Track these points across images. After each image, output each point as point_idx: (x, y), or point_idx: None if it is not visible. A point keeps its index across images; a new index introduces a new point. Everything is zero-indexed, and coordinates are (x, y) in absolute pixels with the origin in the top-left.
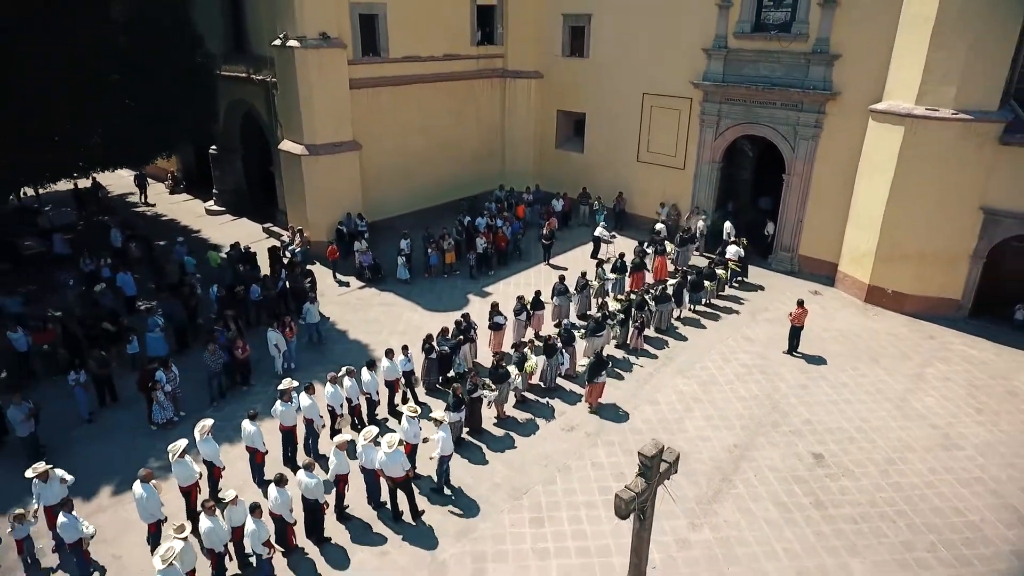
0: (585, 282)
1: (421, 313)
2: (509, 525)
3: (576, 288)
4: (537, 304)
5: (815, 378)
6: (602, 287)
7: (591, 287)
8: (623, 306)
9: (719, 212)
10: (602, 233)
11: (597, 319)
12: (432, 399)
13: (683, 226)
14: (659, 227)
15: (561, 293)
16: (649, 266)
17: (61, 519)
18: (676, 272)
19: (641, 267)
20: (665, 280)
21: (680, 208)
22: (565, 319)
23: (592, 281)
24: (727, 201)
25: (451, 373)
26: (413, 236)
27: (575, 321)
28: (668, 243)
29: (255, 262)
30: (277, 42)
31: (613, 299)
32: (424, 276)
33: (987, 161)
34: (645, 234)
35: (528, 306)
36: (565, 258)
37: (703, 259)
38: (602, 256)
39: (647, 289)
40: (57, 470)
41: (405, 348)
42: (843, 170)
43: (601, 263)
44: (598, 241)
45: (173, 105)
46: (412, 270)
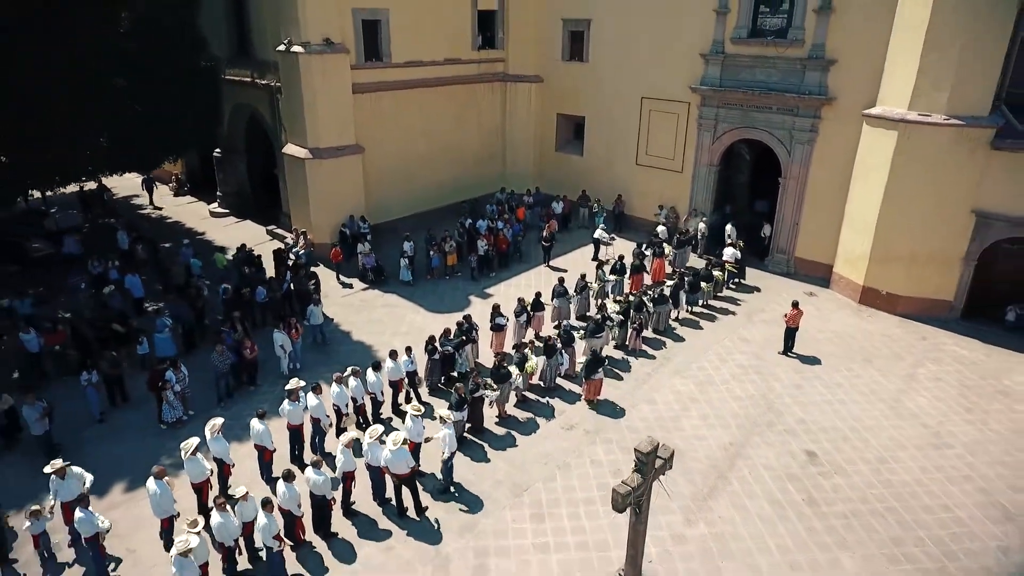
0: (584, 284)
1: (423, 314)
2: (510, 521)
3: (575, 290)
4: (537, 305)
5: (809, 378)
6: (602, 288)
7: (590, 289)
8: (622, 308)
9: (717, 214)
10: (601, 235)
11: (596, 320)
12: (435, 399)
13: (681, 228)
14: (660, 229)
15: (561, 295)
16: (648, 268)
17: (78, 514)
18: (674, 274)
19: (640, 269)
20: (663, 282)
21: (679, 211)
22: (565, 320)
23: (592, 283)
24: (724, 204)
25: (453, 373)
26: (415, 238)
27: (574, 322)
28: (666, 245)
29: (260, 264)
30: (281, 48)
31: (612, 301)
32: (426, 278)
33: (979, 165)
34: (644, 236)
35: (528, 308)
36: (565, 260)
37: (702, 261)
38: (602, 258)
39: (645, 291)
40: (75, 467)
41: (408, 349)
42: (838, 174)
43: (601, 265)
44: (598, 243)
45: (179, 110)
46: (414, 272)
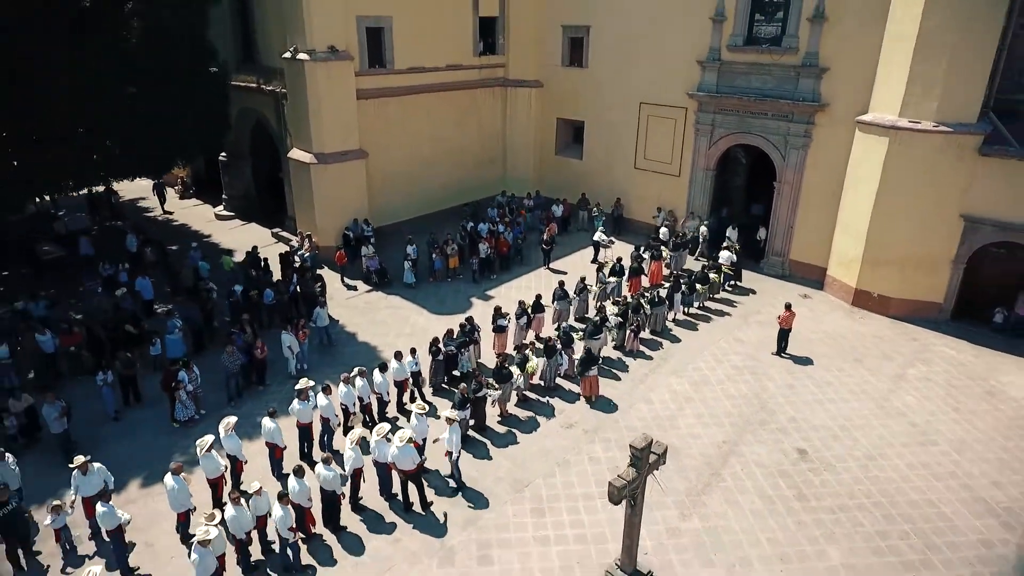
0: (584, 286)
1: (427, 316)
2: (512, 515)
3: (575, 292)
4: (538, 307)
5: (801, 378)
6: (603, 291)
7: (589, 292)
8: (620, 310)
9: (713, 218)
10: (601, 238)
11: (595, 322)
12: (438, 398)
13: (679, 231)
14: (663, 232)
15: (561, 298)
16: (646, 271)
17: (100, 508)
18: (671, 276)
19: (638, 272)
20: (661, 284)
21: (676, 214)
22: (564, 322)
23: (592, 287)
24: (721, 207)
25: (456, 373)
26: (418, 241)
27: (574, 324)
28: (664, 248)
29: (267, 267)
30: (287, 55)
31: (611, 303)
32: (429, 280)
33: (967, 171)
34: (642, 239)
35: (529, 310)
36: (564, 262)
37: (701, 262)
38: (601, 260)
39: (643, 293)
40: (95, 464)
41: (413, 350)
42: (831, 178)
43: (601, 268)
44: (597, 245)
45: (188, 116)
46: (417, 274)
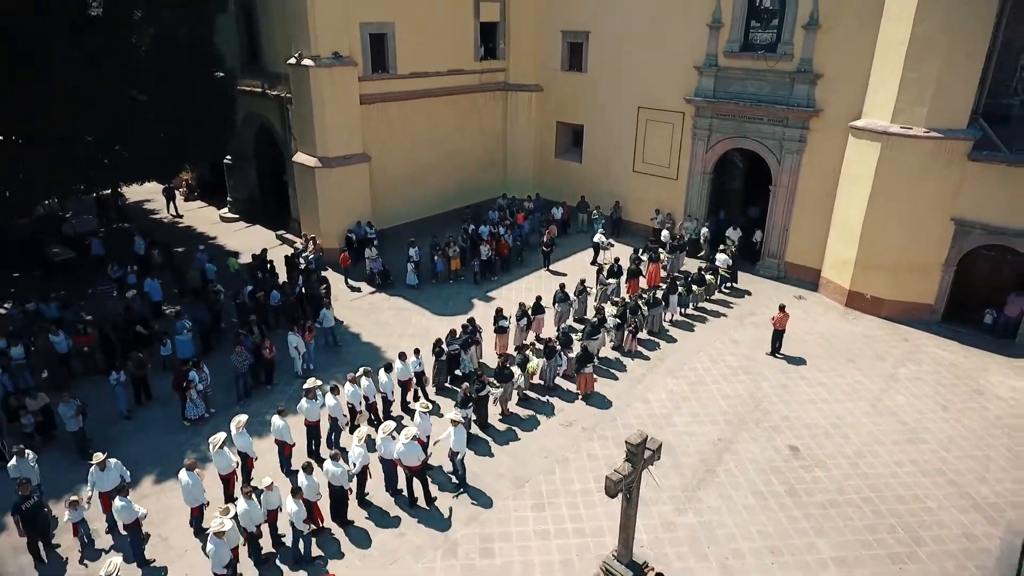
0: (583, 288)
1: (429, 317)
2: (513, 510)
3: (575, 293)
4: (538, 309)
5: (795, 378)
6: (603, 293)
7: (589, 293)
8: (618, 311)
9: (710, 220)
10: (601, 240)
11: (593, 323)
12: (442, 397)
13: (676, 234)
14: (664, 234)
15: (562, 300)
16: (644, 272)
17: (118, 503)
18: (668, 278)
19: (636, 274)
20: (658, 286)
21: (674, 217)
22: (564, 323)
23: (592, 289)
24: (718, 210)
25: (458, 372)
26: (421, 243)
27: (573, 325)
28: (662, 250)
29: (273, 269)
30: (292, 61)
31: (610, 304)
32: (431, 282)
33: (957, 176)
34: (641, 241)
35: (529, 312)
36: (564, 264)
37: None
38: (601, 262)
39: (640, 295)
40: (112, 460)
41: (417, 351)
42: (826, 182)
43: (601, 271)
44: (597, 247)
45: (196, 122)
46: (420, 276)
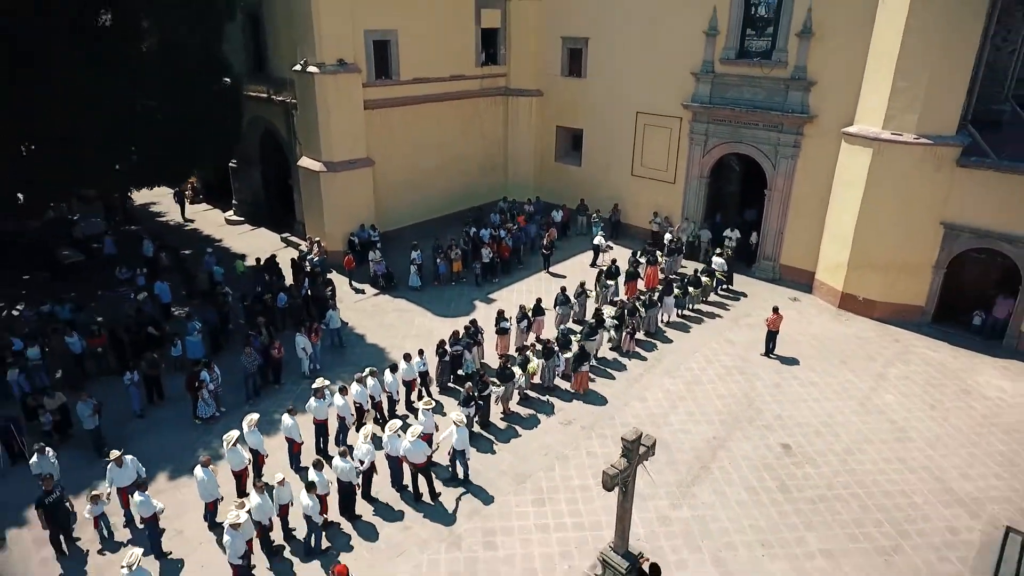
0: (583, 291)
1: (431, 318)
2: (514, 505)
3: (575, 296)
4: (538, 311)
5: (788, 378)
6: (604, 295)
7: (588, 296)
8: (616, 312)
9: (707, 223)
10: (601, 242)
11: (591, 325)
12: (445, 397)
13: (676, 236)
14: (668, 237)
15: (563, 303)
16: (642, 275)
17: (137, 497)
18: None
19: (634, 276)
20: (656, 288)
21: (672, 220)
22: (564, 325)
23: (591, 291)
24: (715, 213)
25: (460, 372)
26: (423, 246)
27: (572, 327)
28: (659, 253)
29: (280, 272)
30: (298, 67)
31: (609, 305)
32: (434, 284)
33: (946, 181)
34: (639, 243)
35: (529, 313)
36: (563, 267)
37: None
38: (600, 264)
39: (638, 296)
40: (128, 457)
41: (421, 351)
42: (819, 186)
43: (601, 272)
44: (597, 249)
45: (203, 127)
46: (423, 278)
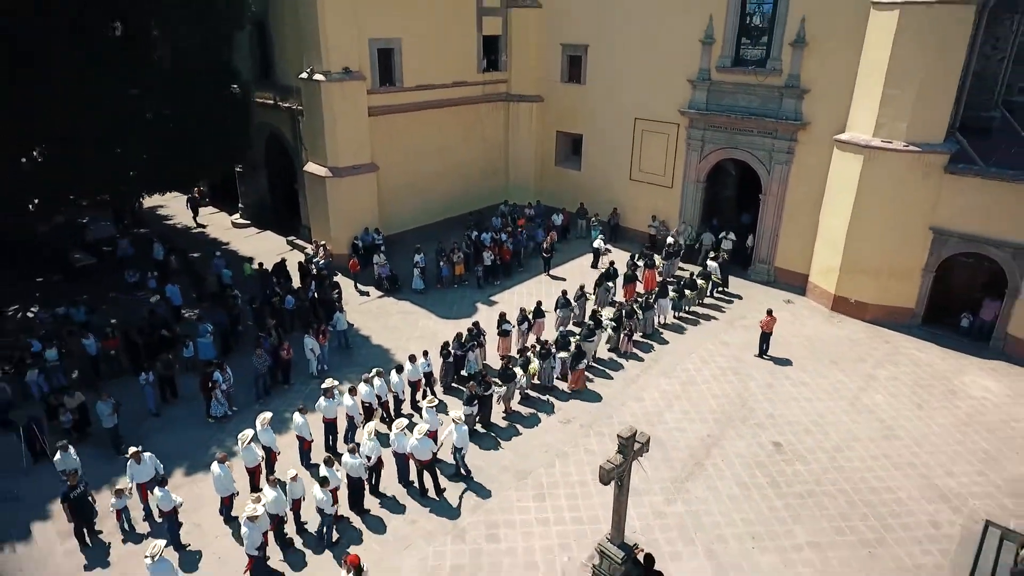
0: (582, 293)
1: (435, 320)
2: (516, 500)
3: (574, 299)
4: (538, 313)
5: (780, 378)
6: (604, 297)
7: (587, 299)
8: (615, 315)
9: (704, 227)
10: (600, 245)
11: (589, 326)
12: (449, 397)
13: (674, 240)
14: (670, 240)
15: (564, 306)
16: (639, 277)
17: (158, 492)
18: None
19: (632, 279)
20: (653, 291)
21: (669, 224)
22: (564, 327)
23: (591, 294)
24: (712, 217)
25: (463, 373)
26: (426, 249)
27: (572, 328)
28: (656, 256)
29: (288, 275)
30: (304, 75)
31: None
32: (436, 286)
33: (935, 187)
34: (637, 247)
35: (530, 316)
36: (563, 269)
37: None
38: (601, 268)
39: (636, 299)
40: (146, 453)
41: (425, 352)
42: (813, 191)
43: (601, 276)
44: (597, 252)
45: (212, 134)
46: (426, 281)
